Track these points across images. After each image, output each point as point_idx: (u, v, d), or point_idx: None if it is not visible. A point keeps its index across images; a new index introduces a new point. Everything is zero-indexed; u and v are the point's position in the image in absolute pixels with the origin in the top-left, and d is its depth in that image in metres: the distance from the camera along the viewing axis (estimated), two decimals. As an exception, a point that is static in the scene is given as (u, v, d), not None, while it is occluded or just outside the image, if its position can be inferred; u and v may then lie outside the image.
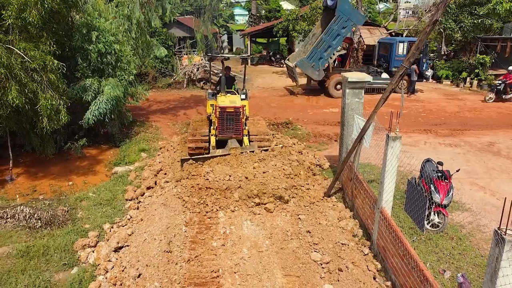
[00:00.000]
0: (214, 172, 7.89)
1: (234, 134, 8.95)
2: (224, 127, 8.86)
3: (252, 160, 8.31)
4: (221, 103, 8.93)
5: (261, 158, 8.45)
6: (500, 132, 13.40)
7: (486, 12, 21.43)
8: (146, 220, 7.07)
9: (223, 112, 8.76)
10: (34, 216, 7.29)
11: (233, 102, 9.02)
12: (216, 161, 8.40)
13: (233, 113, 8.78)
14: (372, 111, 6.72)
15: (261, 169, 8.05)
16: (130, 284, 5.51)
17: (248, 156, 8.43)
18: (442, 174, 6.97)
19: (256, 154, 8.47)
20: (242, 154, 8.43)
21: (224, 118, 8.81)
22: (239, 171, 7.95)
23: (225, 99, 9.30)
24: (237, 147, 8.69)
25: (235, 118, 8.82)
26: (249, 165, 8.22)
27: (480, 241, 6.68)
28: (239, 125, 8.88)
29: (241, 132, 9.01)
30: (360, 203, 7.32)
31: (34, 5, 8.24)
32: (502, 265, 3.33)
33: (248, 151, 8.57)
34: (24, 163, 10.69)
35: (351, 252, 6.30)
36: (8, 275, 5.90)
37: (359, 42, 21.30)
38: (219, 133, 8.92)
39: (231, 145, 8.77)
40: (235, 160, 8.31)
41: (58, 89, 9.00)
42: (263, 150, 8.81)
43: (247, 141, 9.09)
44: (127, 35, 12.65)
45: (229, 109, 8.78)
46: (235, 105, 8.84)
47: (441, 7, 5.68)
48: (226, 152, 8.48)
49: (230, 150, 8.53)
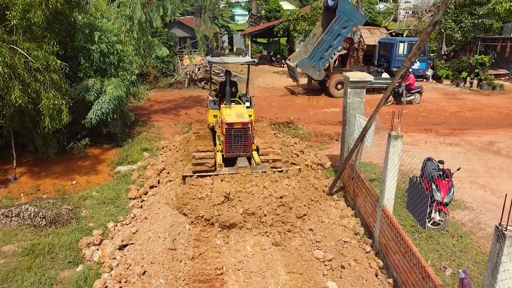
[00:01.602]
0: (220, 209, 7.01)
1: (242, 151, 8.07)
2: (232, 145, 7.98)
3: (263, 181, 7.47)
4: (228, 118, 7.99)
5: (274, 179, 7.58)
6: (500, 132, 13.47)
7: (486, 12, 21.51)
8: (150, 219, 7.14)
9: (230, 129, 7.86)
10: (38, 214, 7.36)
11: (241, 117, 8.11)
12: (221, 179, 7.55)
13: (241, 129, 7.91)
14: (373, 111, 6.78)
15: (275, 192, 7.22)
16: (135, 281, 5.58)
17: (259, 177, 7.56)
18: (443, 172, 7.03)
19: (268, 175, 7.62)
20: (252, 174, 7.59)
21: (231, 135, 7.91)
22: (247, 198, 7.11)
23: (231, 112, 8.35)
24: (247, 166, 7.83)
25: (243, 135, 7.95)
26: (258, 193, 7.20)
27: (480, 239, 6.75)
28: (247, 141, 8.02)
29: (250, 149, 8.13)
30: (361, 201, 7.39)
31: (39, 5, 8.31)
32: (503, 260, 3.40)
33: (259, 171, 7.70)
34: (27, 163, 10.76)
35: (353, 249, 6.37)
36: (14, 272, 5.97)
37: (359, 42, 21.37)
38: (226, 151, 8.01)
39: (240, 163, 7.93)
40: (242, 180, 7.46)
41: (60, 89, 9.06)
42: (277, 171, 7.88)
43: (257, 157, 8.20)
44: (129, 35, 12.71)
45: (237, 125, 7.88)
46: (243, 120, 7.96)
47: (442, 7, 5.74)
48: (233, 171, 7.66)
49: (238, 169, 7.69)
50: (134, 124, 13.55)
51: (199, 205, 7.01)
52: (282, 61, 29.35)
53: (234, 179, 7.41)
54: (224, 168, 7.79)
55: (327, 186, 8.69)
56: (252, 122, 8.23)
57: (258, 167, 7.83)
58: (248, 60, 9.80)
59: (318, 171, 9.66)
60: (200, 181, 7.47)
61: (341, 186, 8.73)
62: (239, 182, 7.39)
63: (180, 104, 17.58)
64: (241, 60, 10.76)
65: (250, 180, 7.44)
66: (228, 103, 8.70)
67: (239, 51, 38.60)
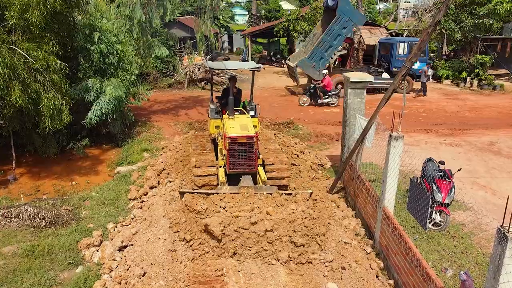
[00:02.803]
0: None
1: (247, 167, 7.37)
2: (236, 161, 7.30)
3: (267, 204, 6.65)
4: (231, 132, 7.31)
5: (279, 203, 6.73)
6: (501, 132, 13.45)
7: (486, 12, 21.50)
8: (150, 219, 7.11)
9: (234, 143, 7.19)
10: (38, 215, 7.34)
11: (245, 129, 7.43)
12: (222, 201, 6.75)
13: (246, 143, 7.24)
14: (374, 111, 6.77)
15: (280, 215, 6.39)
16: (135, 283, 5.56)
17: (263, 199, 6.76)
18: (443, 173, 7.02)
19: (274, 198, 6.83)
20: (255, 196, 6.80)
21: (235, 150, 7.25)
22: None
23: (235, 124, 7.67)
24: (250, 186, 7.06)
25: (248, 149, 7.28)
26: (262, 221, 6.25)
27: (481, 240, 6.73)
28: (253, 156, 7.34)
29: (255, 165, 7.44)
30: (362, 202, 7.37)
31: (37, 5, 8.29)
32: (505, 263, 3.38)
33: (264, 192, 6.90)
34: (27, 163, 10.74)
35: (354, 250, 6.35)
36: (14, 274, 5.95)
37: (359, 42, 21.34)
38: (230, 167, 7.32)
39: (243, 182, 7.22)
40: (244, 201, 6.68)
41: (60, 89, 9.05)
42: (284, 193, 7.03)
43: (263, 173, 7.50)
44: (129, 35, 12.69)
45: (241, 139, 7.21)
46: (248, 134, 7.28)
47: (442, 8, 5.73)
48: (235, 190, 6.94)
49: (240, 189, 6.93)
50: (134, 124, 13.53)
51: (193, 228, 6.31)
52: (282, 61, 29.32)
53: (235, 199, 6.69)
54: (226, 186, 7.16)
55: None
56: (258, 136, 7.51)
57: (264, 188, 7.05)
58: (253, 66, 8.70)
59: (319, 171, 9.65)
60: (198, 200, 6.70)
61: (341, 186, 8.72)
62: (240, 204, 6.61)
63: (180, 104, 17.56)
64: (245, 65, 9.30)
65: (253, 202, 6.64)
66: (231, 114, 7.98)
67: (239, 51, 38.57)
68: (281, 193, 6.94)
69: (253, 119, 8.24)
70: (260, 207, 6.51)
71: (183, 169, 8.99)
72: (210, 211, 6.38)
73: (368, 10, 36.44)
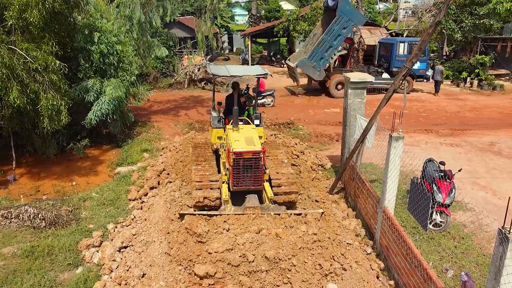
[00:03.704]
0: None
1: (252, 185, 6.82)
2: (240, 178, 6.75)
3: (275, 225, 6.21)
4: (236, 146, 6.75)
5: (289, 224, 6.28)
6: (501, 132, 13.44)
7: (486, 12, 21.49)
8: (150, 220, 7.10)
9: (239, 159, 6.65)
10: (38, 216, 7.32)
11: (251, 143, 6.87)
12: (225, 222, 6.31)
13: (252, 159, 6.69)
14: (374, 112, 6.76)
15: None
16: (135, 284, 5.55)
17: (270, 220, 6.32)
18: (444, 174, 7.00)
19: (282, 219, 6.38)
20: (262, 216, 6.35)
21: (240, 167, 6.69)
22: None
23: (239, 136, 7.08)
24: (256, 206, 6.57)
25: (254, 165, 6.71)
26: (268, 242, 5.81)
27: (482, 240, 6.72)
28: (259, 173, 6.78)
29: (261, 182, 6.89)
30: (362, 202, 7.36)
31: (35, 5, 8.27)
32: (506, 264, 3.37)
33: (272, 213, 6.45)
34: (27, 164, 10.72)
35: (355, 251, 6.33)
36: (14, 274, 5.93)
37: (359, 42, 21.34)
38: (234, 184, 6.77)
39: (249, 202, 6.69)
40: (250, 223, 6.20)
41: (59, 90, 9.03)
42: (294, 214, 6.57)
43: (269, 190, 7.01)
44: (128, 36, 12.68)
45: (247, 155, 6.67)
46: (254, 148, 6.73)
47: (443, 8, 5.72)
48: (239, 212, 6.47)
49: (245, 210, 6.47)
50: (134, 124, 13.52)
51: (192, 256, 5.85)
52: (282, 61, 29.32)
53: (240, 221, 6.24)
54: (230, 206, 6.66)
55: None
56: (265, 151, 6.95)
57: (271, 208, 6.58)
58: (260, 72, 7.93)
59: (319, 172, 9.64)
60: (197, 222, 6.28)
61: (342, 187, 8.71)
62: (245, 226, 6.13)
63: (180, 105, 17.55)
64: (251, 72, 8.50)
65: (260, 223, 6.19)
66: (235, 125, 7.36)
67: (239, 51, 38.56)
68: (290, 213, 6.51)
69: (258, 128, 7.75)
70: (268, 228, 6.08)
71: (183, 169, 8.98)
72: (212, 233, 6.01)
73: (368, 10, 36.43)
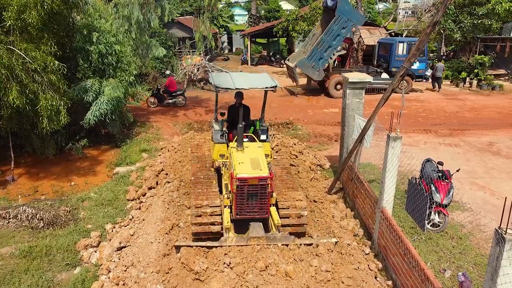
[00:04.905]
0: None
1: (258, 213, 6.10)
2: (244, 206, 6.02)
3: (284, 259, 5.62)
4: (240, 171, 5.99)
5: (299, 257, 5.70)
6: (500, 132, 13.44)
7: (485, 12, 21.49)
8: (148, 220, 7.10)
9: (243, 186, 5.91)
10: (36, 216, 7.33)
11: (257, 166, 6.11)
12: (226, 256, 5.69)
13: (258, 186, 5.94)
14: (372, 112, 6.76)
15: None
16: (133, 284, 5.54)
17: (277, 252, 5.72)
18: (442, 174, 7.00)
19: (291, 250, 5.81)
20: (267, 248, 5.76)
21: (244, 194, 5.96)
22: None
23: (244, 157, 6.31)
24: (261, 236, 5.93)
25: (260, 193, 5.98)
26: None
27: (480, 241, 6.72)
28: (265, 200, 6.06)
29: (267, 210, 6.18)
30: (360, 202, 7.36)
31: (34, 6, 8.28)
32: (502, 264, 3.36)
33: (279, 244, 5.89)
34: (25, 164, 10.72)
35: (353, 251, 6.33)
36: (11, 275, 5.94)
37: (359, 42, 21.33)
38: (236, 213, 6.05)
39: (253, 232, 6.00)
40: (253, 256, 5.60)
41: (58, 90, 9.03)
42: (304, 244, 6.01)
43: (276, 216, 6.31)
44: (127, 36, 12.68)
45: (252, 181, 5.91)
46: (261, 174, 5.97)
47: (441, 8, 5.72)
48: (242, 243, 5.85)
49: (249, 240, 5.87)
50: (133, 124, 13.52)
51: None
52: (282, 61, 29.31)
53: (243, 254, 5.66)
54: (232, 234, 6.05)
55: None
56: (273, 176, 6.17)
57: (278, 238, 5.97)
58: (269, 85, 7.23)
59: (317, 172, 9.63)
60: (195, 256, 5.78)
61: (340, 187, 8.70)
62: (249, 260, 5.54)
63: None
64: (258, 84, 7.45)
65: (266, 256, 5.57)
66: (240, 145, 6.56)
67: (239, 51, 38.55)
68: (299, 244, 5.92)
69: (264, 145, 7.02)
70: (276, 263, 5.46)
71: (181, 170, 8.97)
72: (211, 271, 5.43)
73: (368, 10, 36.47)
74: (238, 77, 7.73)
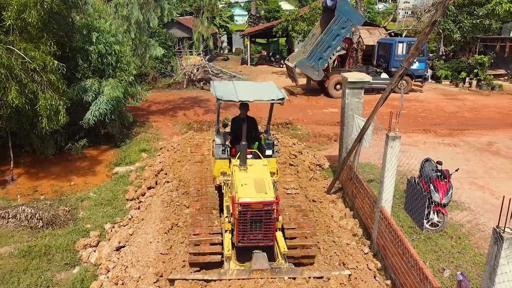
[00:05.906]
0: None
1: (262, 241, 5.56)
2: (247, 233, 5.48)
3: None
4: (243, 195, 5.44)
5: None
6: (499, 132, 13.45)
7: (485, 12, 21.49)
8: (148, 220, 7.10)
9: (246, 211, 5.38)
10: (35, 216, 7.32)
11: (262, 189, 5.53)
12: None
13: (262, 211, 5.40)
14: (372, 111, 6.76)
15: None
16: (132, 284, 5.54)
17: (283, 287, 5.19)
18: (441, 173, 7.01)
19: (299, 285, 5.23)
20: (272, 282, 5.23)
21: (247, 220, 5.42)
22: None
23: (247, 179, 5.69)
24: (265, 269, 5.39)
25: (264, 219, 5.44)
26: None
27: (479, 240, 6.72)
28: (270, 227, 5.52)
29: (273, 238, 5.64)
30: (360, 202, 7.36)
31: (34, 6, 8.28)
32: (500, 263, 3.37)
33: (285, 277, 5.33)
34: (25, 164, 10.72)
35: (352, 251, 6.33)
36: (10, 274, 5.93)
37: (358, 42, 21.34)
38: (239, 240, 5.53)
39: (256, 263, 5.46)
40: None
41: (58, 90, 9.04)
42: (312, 277, 5.43)
43: (283, 243, 5.79)
44: (127, 36, 12.68)
45: (256, 206, 5.36)
46: (266, 198, 5.40)
47: (440, 8, 5.73)
48: (244, 276, 5.32)
49: (252, 273, 5.32)
50: (132, 124, 13.52)
51: None
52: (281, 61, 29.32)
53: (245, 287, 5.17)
54: (232, 265, 5.57)
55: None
56: (279, 201, 5.60)
57: (284, 271, 5.42)
58: (276, 97, 6.46)
59: (317, 172, 9.64)
60: None
61: (339, 187, 8.71)
62: None
63: (178, 105, 17.53)
64: (264, 95, 6.58)
65: None
66: (243, 164, 5.93)
67: (238, 51, 38.54)
68: (308, 277, 5.35)
69: (270, 161, 6.43)
70: None
71: (181, 169, 8.98)
72: None
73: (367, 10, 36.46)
74: (242, 87, 7.05)
